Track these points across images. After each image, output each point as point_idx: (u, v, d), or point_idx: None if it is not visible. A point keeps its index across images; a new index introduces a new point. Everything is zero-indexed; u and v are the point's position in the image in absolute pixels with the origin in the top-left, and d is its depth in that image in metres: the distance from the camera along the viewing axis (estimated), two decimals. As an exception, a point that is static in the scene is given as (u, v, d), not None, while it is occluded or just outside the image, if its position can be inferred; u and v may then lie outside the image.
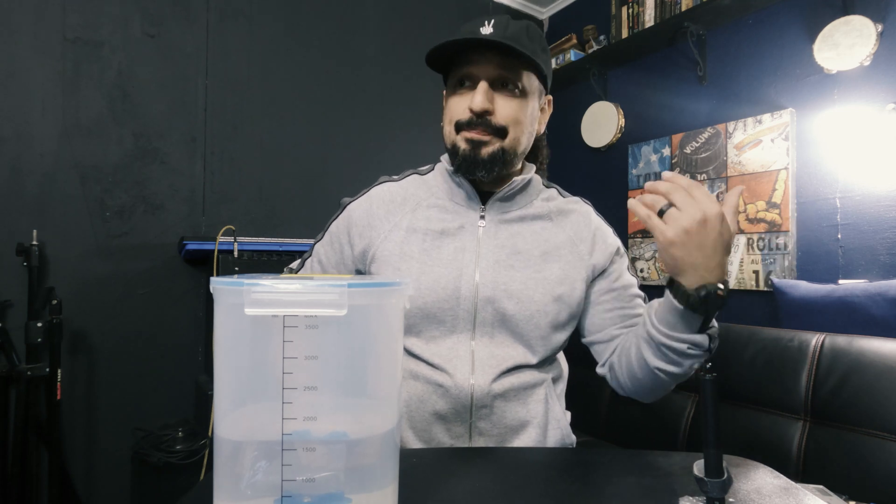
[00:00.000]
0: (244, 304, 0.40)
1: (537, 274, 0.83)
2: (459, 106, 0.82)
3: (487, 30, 0.78)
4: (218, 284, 0.42)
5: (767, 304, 1.91)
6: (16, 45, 1.67)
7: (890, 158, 1.64)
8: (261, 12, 2.13)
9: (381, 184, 0.94)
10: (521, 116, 0.83)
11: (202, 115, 2.00)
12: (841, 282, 1.69)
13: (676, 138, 2.24)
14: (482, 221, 0.87)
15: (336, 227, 0.93)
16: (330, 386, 0.43)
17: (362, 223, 0.89)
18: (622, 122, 2.51)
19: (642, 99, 2.45)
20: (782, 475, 0.61)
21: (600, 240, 0.89)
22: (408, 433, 0.82)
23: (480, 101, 0.78)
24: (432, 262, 0.83)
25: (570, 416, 0.92)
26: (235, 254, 1.69)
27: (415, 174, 0.95)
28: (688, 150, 2.20)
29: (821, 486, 1.14)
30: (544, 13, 3.01)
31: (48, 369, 1.55)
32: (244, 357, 0.44)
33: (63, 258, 1.73)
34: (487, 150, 0.81)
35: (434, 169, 0.94)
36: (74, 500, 1.63)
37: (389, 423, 0.46)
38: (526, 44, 0.79)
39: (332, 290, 0.40)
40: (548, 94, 0.91)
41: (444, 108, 0.88)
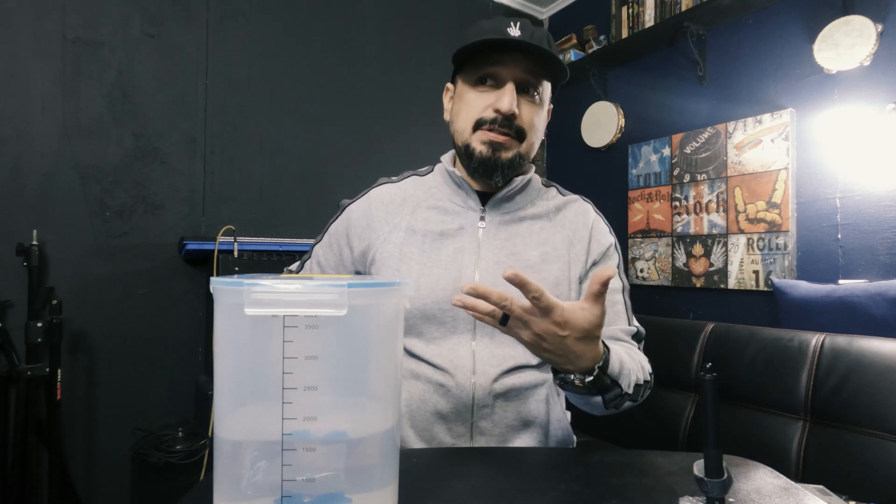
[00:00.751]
0: (244, 304, 0.40)
1: (536, 275, 0.83)
2: (481, 103, 0.81)
3: (515, 31, 0.78)
4: (218, 284, 0.42)
5: (767, 304, 1.91)
6: (16, 45, 1.67)
7: (890, 158, 1.64)
8: (261, 12, 2.13)
9: (380, 185, 0.94)
10: (539, 123, 0.84)
11: (202, 115, 2.00)
12: (841, 282, 1.69)
13: (676, 138, 2.25)
14: (482, 223, 0.87)
15: (335, 228, 0.93)
16: (330, 386, 0.43)
17: (361, 225, 0.89)
18: (622, 122, 2.51)
19: (642, 99, 2.45)
20: (782, 475, 0.61)
21: (595, 237, 0.90)
22: (409, 433, 0.82)
23: (510, 103, 0.78)
24: (432, 263, 0.84)
25: (570, 415, 0.92)
26: (235, 254, 1.69)
27: (414, 175, 0.95)
28: (688, 150, 2.20)
29: (821, 486, 1.14)
30: (544, 13, 3.01)
31: (48, 369, 1.55)
32: (244, 357, 0.44)
33: (63, 258, 1.73)
34: (507, 155, 0.82)
35: (433, 170, 0.95)
36: (74, 500, 1.63)
37: (389, 422, 0.46)
38: (551, 49, 0.80)
39: (332, 290, 0.40)
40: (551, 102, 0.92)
41: (455, 103, 0.87)
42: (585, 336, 0.61)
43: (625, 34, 2.39)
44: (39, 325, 1.55)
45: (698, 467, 0.47)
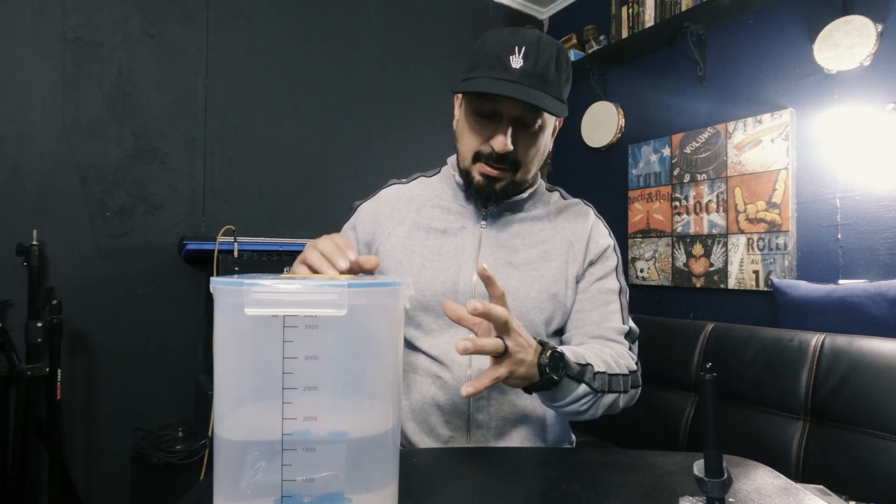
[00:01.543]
0: (244, 304, 0.40)
1: (534, 272, 0.86)
2: (479, 136, 0.83)
3: (518, 60, 0.76)
4: (218, 284, 0.42)
5: (767, 304, 1.91)
6: (16, 45, 1.67)
7: (890, 158, 1.64)
8: (261, 12, 2.13)
9: (391, 186, 0.97)
10: (537, 152, 0.85)
11: (202, 115, 2.00)
12: (841, 282, 1.69)
13: (676, 138, 2.24)
14: (484, 223, 0.89)
15: (346, 228, 0.96)
16: (330, 386, 0.43)
17: (368, 219, 0.93)
18: (622, 122, 2.51)
19: (642, 99, 2.45)
20: (782, 475, 0.61)
21: (594, 238, 0.91)
22: (408, 424, 0.84)
23: (504, 144, 0.79)
24: (433, 257, 0.86)
25: None
26: (235, 254, 1.69)
27: (422, 176, 0.98)
28: (688, 150, 2.20)
29: (821, 486, 1.14)
30: (544, 13, 3.01)
31: (48, 369, 1.55)
32: (244, 357, 0.44)
33: (63, 258, 1.73)
34: (501, 185, 0.84)
35: (440, 172, 0.98)
36: (74, 500, 1.63)
37: (389, 423, 0.46)
38: (553, 78, 0.78)
39: (332, 290, 0.40)
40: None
41: (460, 120, 0.87)
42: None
43: (625, 34, 2.39)
44: (39, 325, 1.55)
45: (698, 467, 0.47)
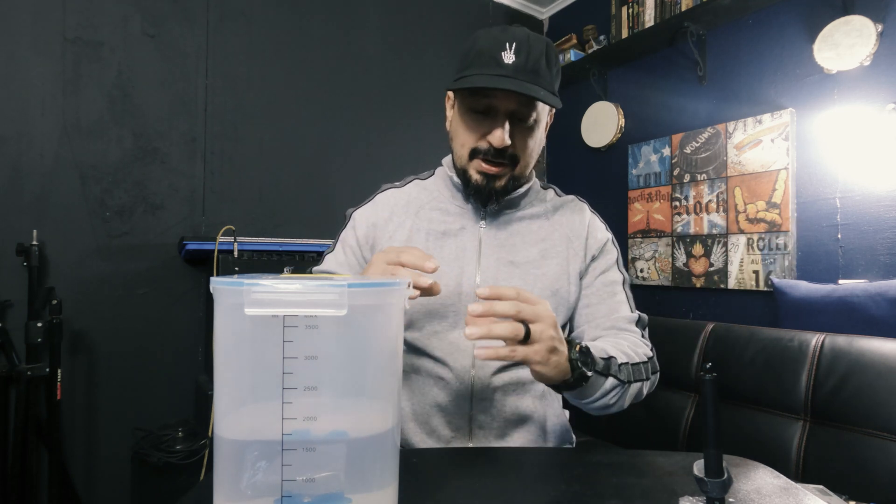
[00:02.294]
0: (244, 304, 0.40)
1: (536, 270, 0.86)
2: (476, 131, 0.83)
3: (510, 56, 0.77)
4: (218, 284, 0.42)
5: (767, 304, 1.91)
6: (16, 45, 1.67)
7: (890, 158, 1.63)
8: (261, 12, 2.13)
9: (385, 191, 0.96)
10: (534, 145, 0.86)
11: (202, 115, 2.00)
12: (841, 282, 1.69)
13: (676, 138, 2.24)
14: (482, 223, 0.90)
15: (344, 236, 0.96)
16: (330, 386, 0.43)
17: (367, 224, 0.92)
18: (622, 122, 2.51)
19: (642, 99, 2.45)
20: (782, 475, 0.61)
21: (592, 233, 0.92)
22: (409, 424, 0.84)
23: (502, 138, 0.79)
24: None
25: (568, 414, 0.94)
26: (235, 254, 1.69)
27: (416, 179, 0.98)
28: (688, 150, 2.20)
29: (821, 486, 1.14)
30: (544, 13, 3.01)
31: (48, 369, 1.55)
32: (244, 357, 0.44)
33: (63, 258, 1.73)
34: (501, 183, 0.84)
35: (434, 174, 0.97)
36: (74, 500, 1.63)
37: (389, 422, 0.46)
38: (545, 72, 0.79)
39: (332, 290, 0.40)
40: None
41: (454, 119, 0.87)
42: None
43: (625, 34, 2.39)
44: (39, 325, 1.55)
45: (698, 467, 0.47)
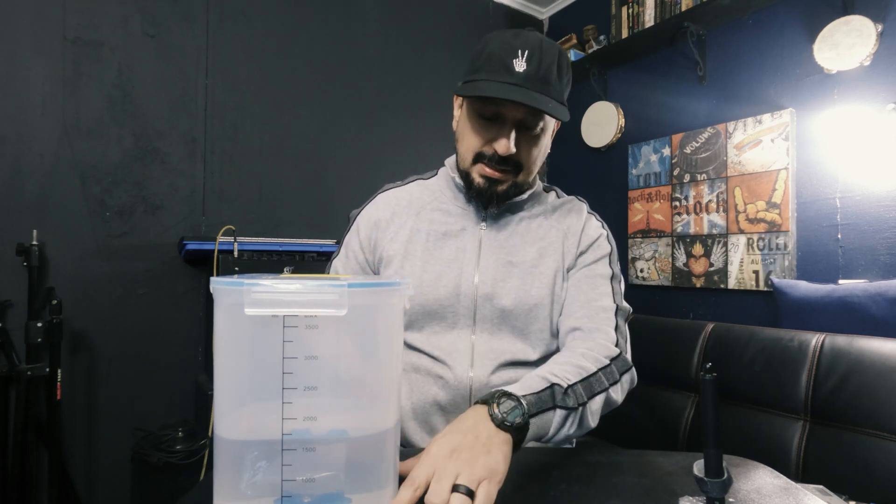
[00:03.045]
0: (244, 304, 0.40)
1: (535, 269, 0.87)
2: (482, 136, 0.83)
3: (521, 64, 0.77)
4: (218, 284, 0.42)
5: (767, 304, 1.91)
6: (16, 45, 1.67)
7: (890, 158, 1.63)
8: (261, 12, 2.13)
9: (386, 190, 0.96)
10: (538, 153, 0.86)
11: (202, 115, 2.00)
12: (841, 282, 1.69)
13: (676, 138, 2.24)
14: (483, 224, 0.90)
15: (348, 240, 0.96)
16: (330, 386, 0.43)
17: (369, 225, 0.92)
18: (622, 122, 2.51)
19: (642, 99, 2.45)
20: (782, 475, 0.61)
21: (586, 230, 0.92)
22: (409, 423, 0.84)
23: (507, 147, 0.79)
24: (434, 260, 0.87)
25: None
26: (235, 254, 1.69)
27: (419, 179, 0.98)
28: (688, 150, 2.20)
29: (821, 486, 1.14)
30: (544, 13, 3.01)
31: (48, 369, 1.55)
32: (244, 357, 0.44)
33: (63, 258, 1.73)
34: (503, 188, 0.85)
35: (437, 174, 0.97)
36: (74, 500, 1.62)
37: (389, 422, 0.46)
38: (555, 82, 0.79)
39: (332, 290, 0.40)
40: None
41: (461, 121, 0.87)
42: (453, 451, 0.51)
43: (625, 34, 2.39)
44: (39, 325, 1.55)
45: (698, 467, 0.47)
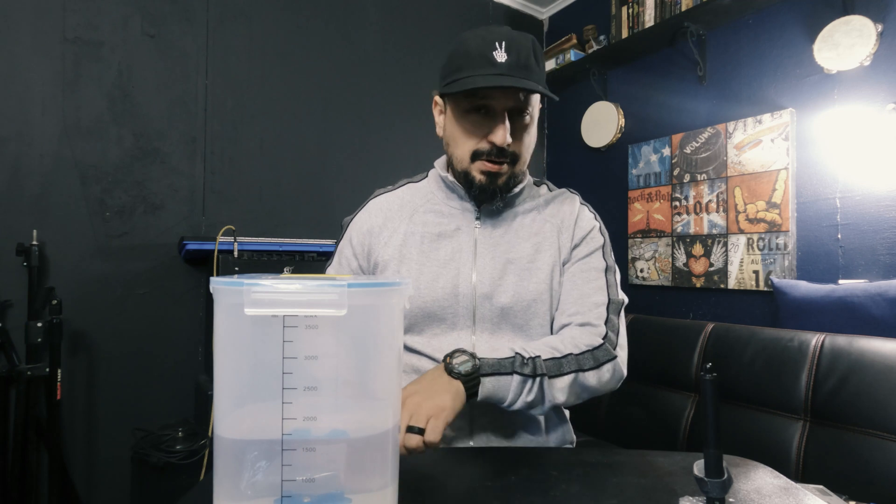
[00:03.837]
0: (244, 304, 0.40)
1: (531, 265, 0.87)
2: (475, 133, 0.83)
3: (501, 55, 0.78)
4: (218, 284, 0.42)
5: (767, 304, 1.91)
6: (16, 45, 1.67)
7: (890, 158, 1.63)
8: (261, 12, 2.13)
9: (377, 196, 0.96)
10: (531, 141, 0.87)
11: (202, 115, 2.00)
12: (841, 282, 1.69)
13: (676, 138, 2.24)
14: (477, 223, 0.90)
15: (342, 247, 0.96)
16: (330, 386, 0.43)
17: (362, 232, 0.92)
18: (622, 122, 2.51)
19: (642, 99, 2.45)
20: (782, 475, 0.61)
21: (579, 223, 0.92)
22: None
23: (504, 137, 0.80)
24: (430, 262, 0.86)
25: (568, 413, 0.93)
26: (235, 254, 1.69)
27: (409, 183, 0.98)
28: (688, 150, 2.20)
29: (821, 486, 1.14)
30: (544, 13, 3.01)
31: (48, 369, 1.55)
32: (244, 357, 0.44)
33: (63, 258, 1.73)
34: (502, 180, 0.85)
35: (428, 176, 0.97)
36: (74, 500, 1.62)
37: (389, 422, 0.46)
38: (535, 68, 0.81)
39: (332, 290, 0.40)
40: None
41: (448, 125, 0.87)
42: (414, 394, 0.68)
43: (625, 34, 2.39)
44: (39, 325, 1.55)
45: (698, 467, 0.47)
